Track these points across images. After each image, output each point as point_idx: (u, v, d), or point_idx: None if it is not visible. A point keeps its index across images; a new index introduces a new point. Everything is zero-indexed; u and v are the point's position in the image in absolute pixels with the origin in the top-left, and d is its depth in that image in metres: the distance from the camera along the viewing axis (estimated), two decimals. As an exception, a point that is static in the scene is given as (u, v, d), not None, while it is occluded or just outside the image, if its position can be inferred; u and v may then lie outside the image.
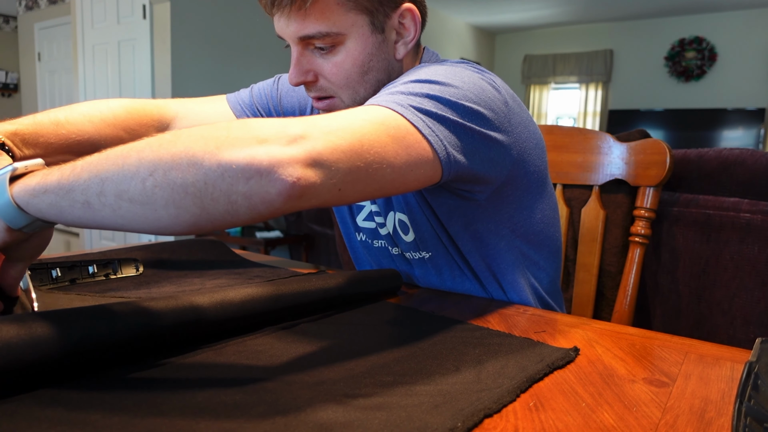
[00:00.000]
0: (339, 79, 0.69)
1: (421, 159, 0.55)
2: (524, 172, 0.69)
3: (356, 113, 0.53)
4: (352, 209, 0.87)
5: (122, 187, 0.41)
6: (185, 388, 0.40)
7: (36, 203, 0.43)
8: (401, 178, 0.54)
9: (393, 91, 0.59)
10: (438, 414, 0.36)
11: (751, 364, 0.35)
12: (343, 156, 0.47)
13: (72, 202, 0.42)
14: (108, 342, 0.41)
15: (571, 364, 0.48)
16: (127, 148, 0.43)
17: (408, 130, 0.54)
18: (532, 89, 6.86)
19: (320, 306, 0.60)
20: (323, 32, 0.65)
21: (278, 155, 0.43)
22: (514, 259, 0.75)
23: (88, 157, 0.44)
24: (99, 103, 0.77)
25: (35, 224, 0.45)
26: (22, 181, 0.44)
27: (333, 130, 0.48)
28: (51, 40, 4.69)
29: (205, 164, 0.41)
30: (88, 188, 0.42)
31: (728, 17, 5.61)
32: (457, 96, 0.59)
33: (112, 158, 0.43)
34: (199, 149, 0.42)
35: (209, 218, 0.43)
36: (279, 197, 0.43)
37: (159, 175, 0.41)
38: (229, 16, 3.60)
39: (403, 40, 0.71)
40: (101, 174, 0.42)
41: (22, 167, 0.45)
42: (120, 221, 0.43)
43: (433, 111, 0.57)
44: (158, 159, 0.42)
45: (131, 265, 0.77)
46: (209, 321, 0.49)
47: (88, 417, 0.34)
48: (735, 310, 1.10)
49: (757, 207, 1.07)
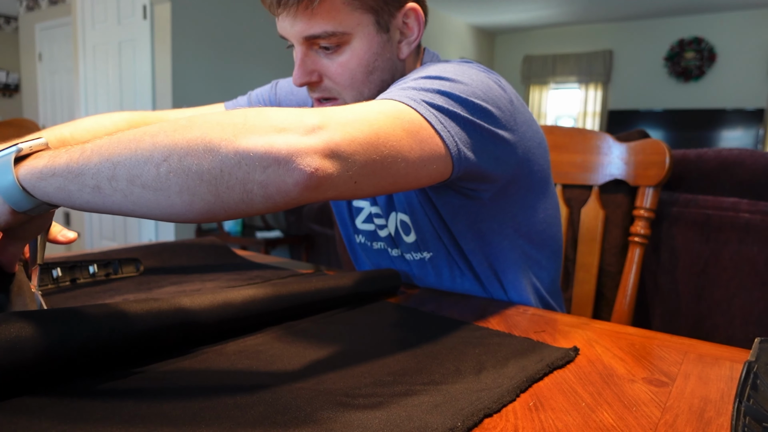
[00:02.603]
0: (344, 79, 0.68)
1: (433, 154, 0.55)
2: (528, 171, 0.70)
3: (371, 106, 0.53)
4: (351, 211, 0.87)
5: (135, 172, 0.40)
6: (185, 388, 0.40)
7: (43, 186, 0.42)
8: (414, 173, 0.53)
9: (404, 86, 0.59)
10: (438, 414, 0.36)
11: (750, 363, 0.35)
12: (360, 148, 0.47)
13: (81, 186, 0.41)
14: (108, 342, 0.42)
15: (571, 363, 0.48)
16: (140, 132, 0.42)
17: (422, 125, 0.54)
18: (532, 89, 6.86)
19: (320, 306, 0.60)
20: (329, 32, 0.65)
21: (297, 145, 0.42)
22: (516, 259, 0.75)
23: (97, 140, 0.43)
24: (102, 117, 0.77)
25: (41, 207, 0.44)
26: (28, 163, 0.43)
27: (350, 121, 0.47)
28: (52, 40, 4.69)
29: (221, 151, 0.40)
30: (99, 172, 0.41)
31: (727, 18, 5.61)
32: (467, 93, 0.59)
33: (124, 142, 0.41)
34: (215, 136, 0.41)
35: (223, 206, 0.42)
36: (296, 187, 0.42)
37: (174, 160, 0.40)
38: (229, 16, 3.60)
39: (406, 40, 0.71)
40: (113, 158, 0.41)
41: (27, 147, 0.44)
42: (131, 207, 0.41)
43: (444, 107, 0.57)
44: (173, 144, 0.40)
45: (131, 265, 0.77)
46: (210, 322, 0.49)
47: (89, 417, 0.34)
48: (734, 309, 1.10)
49: (756, 207, 1.07)
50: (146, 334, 0.44)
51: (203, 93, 3.46)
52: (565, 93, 6.76)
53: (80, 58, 3.88)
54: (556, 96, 6.83)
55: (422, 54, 0.77)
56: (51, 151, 0.44)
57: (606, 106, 6.35)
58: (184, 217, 0.42)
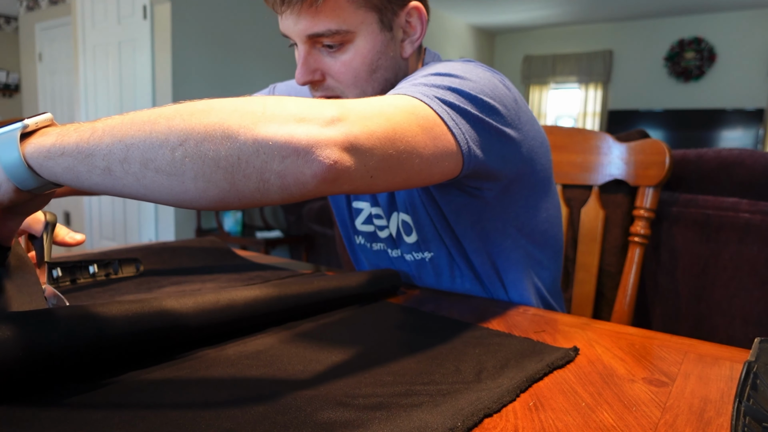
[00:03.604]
0: (347, 77, 0.68)
1: (446, 151, 0.54)
2: (532, 170, 0.70)
3: (387, 100, 0.52)
4: (351, 212, 0.87)
5: (149, 155, 0.39)
6: (186, 388, 0.40)
7: (50, 166, 0.40)
8: (427, 170, 0.53)
9: (415, 82, 0.59)
10: (438, 414, 0.36)
11: (750, 363, 0.35)
12: (378, 143, 0.46)
13: (91, 167, 0.39)
14: (108, 343, 0.41)
15: (571, 363, 0.48)
16: (154, 113, 0.41)
17: (435, 122, 0.54)
18: (532, 89, 6.86)
19: (320, 307, 0.60)
20: (333, 30, 0.64)
21: (317, 136, 0.41)
22: (519, 258, 0.75)
23: (107, 119, 0.41)
24: None
25: (46, 187, 0.42)
26: (35, 140, 0.41)
27: (368, 115, 0.47)
28: (52, 40, 4.69)
29: (240, 139, 0.39)
30: (111, 154, 0.39)
31: (727, 18, 5.61)
32: (476, 90, 0.59)
33: (137, 123, 0.40)
34: (234, 122, 0.40)
35: (238, 195, 0.41)
36: (313, 179, 0.41)
37: (190, 145, 0.39)
38: (229, 16, 3.60)
39: (409, 39, 0.71)
40: (126, 140, 0.39)
41: (33, 123, 0.42)
42: (142, 191, 0.40)
43: (456, 104, 0.57)
44: (190, 129, 0.39)
45: (132, 265, 0.77)
46: (209, 324, 0.49)
47: (89, 416, 0.34)
48: (734, 309, 1.10)
49: (756, 207, 1.07)
50: (147, 335, 0.44)
51: (203, 93, 3.46)
52: (565, 93, 6.77)
53: (80, 58, 3.88)
54: (556, 96, 6.83)
55: (423, 54, 0.77)
56: (58, 128, 0.42)
57: (606, 106, 6.35)
58: (197, 203, 0.41)
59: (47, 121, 0.43)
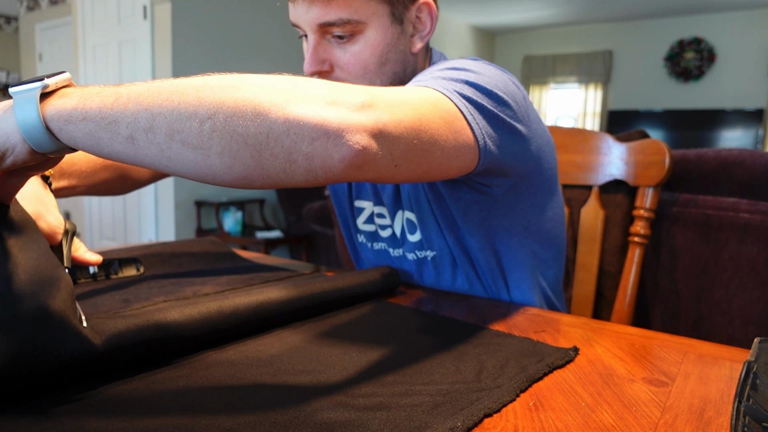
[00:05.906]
0: (356, 69, 0.68)
1: (465, 145, 0.55)
2: (539, 168, 0.70)
3: (412, 91, 0.52)
4: (353, 210, 0.87)
5: (176, 126, 0.38)
6: (186, 388, 0.40)
7: (71, 130, 0.38)
8: (446, 163, 0.53)
9: (434, 76, 0.59)
10: (438, 414, 0.36)
11: (750, 363, 0.35)
12: (404, 132, 0.46)
13: (113, 134, 0.38)
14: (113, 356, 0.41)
15: (571, 363, 0.48)
16: (183, 84, 0.39)
17: (456, 116, 0.54)
18: (532, 89, 6.86)
19: (320, 307, 0.60)
20: (345, 19, 0.64)
21: (348, 120, 0.41)
22: (524, 257, 0.75)
23: (131, 85, 0.40)
24: None
25: (63, 151, 0.40)
26: (55, 102, 0.39)
27: (396, 103, 0.46)
28: (52, 40, 4.69)
29: (270, 116, 0.38)
30: (136, 122, 0.38)
31: (727, 18, 5.61)
32: (491, 85, 0.60)
33: (165, 93, 0.39)
34: (265, 99, 0.39)
35: (263, 174, 0.40)
36: (341, 164, 0.41)
37: (219, 119, 0.38)
38: (229, 16, 3.60)
39: (419, 34, 0.71)
40: (152, 108, 0.38)
41: (53, 83, 0.39)
42: (165, 162, 0.39)
43: (473, 98, 0.57)
44: (220, 102, 0.38)
45: (132, 265, 0.77)
46: (214, 330, 0.49)
47: (89, 416, 0.35)
48: (734, 309, 1.10)
49: (755, 207, 1.07)
50: (150, 348, 0.44)
51: (203, 93, 3.46)
52: (565, 93, 6.77)
53: (80, 58, 3.88)
54: (556, 96, 6.83)
55: (430, 53, 0.77)
56: (79, 90, 0.40)
57: (606, 106, 6.35)
58: (220, 179, 0.40)
59: (66, 80, 0.41)
